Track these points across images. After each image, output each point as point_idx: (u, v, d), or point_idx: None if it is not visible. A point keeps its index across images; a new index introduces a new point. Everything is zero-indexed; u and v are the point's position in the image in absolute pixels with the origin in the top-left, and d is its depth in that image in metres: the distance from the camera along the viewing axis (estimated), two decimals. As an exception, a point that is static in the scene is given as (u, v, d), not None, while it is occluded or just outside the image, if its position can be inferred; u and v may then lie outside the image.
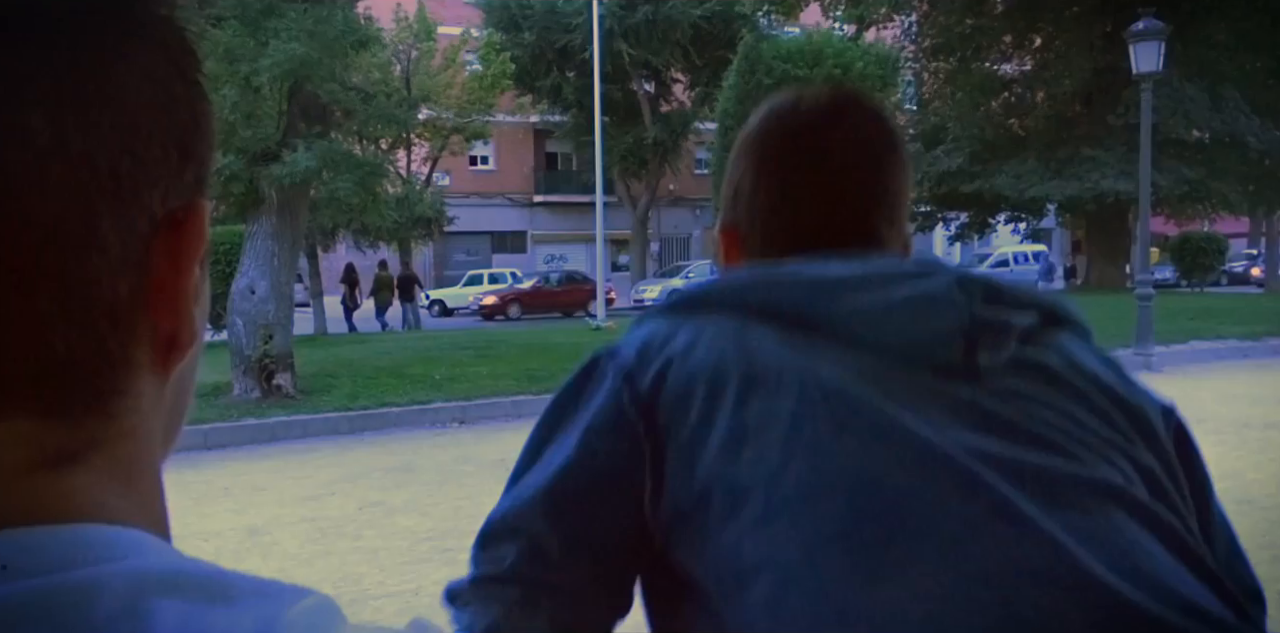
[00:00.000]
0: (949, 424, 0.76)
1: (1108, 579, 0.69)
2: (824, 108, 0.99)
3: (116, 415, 0.38)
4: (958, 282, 0.84)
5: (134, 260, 0.37)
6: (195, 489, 7.13)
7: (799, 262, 0.87)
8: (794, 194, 0.95)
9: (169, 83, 0.38)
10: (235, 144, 10.03)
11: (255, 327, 9.86)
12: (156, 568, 0.35)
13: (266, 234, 10.12)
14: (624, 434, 0.80)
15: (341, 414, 9.34)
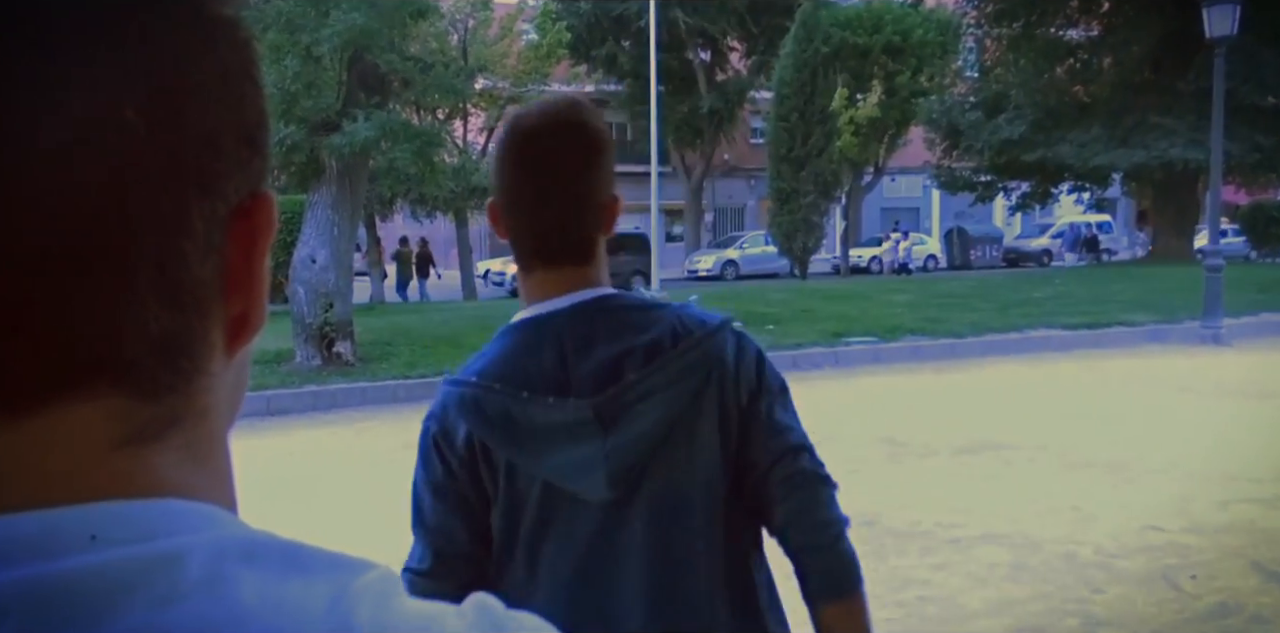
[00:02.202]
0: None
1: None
2: (534, 122, 1.29)
3: (195, 394, 0.40)
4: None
5: (215, 246, 0.39)
6: (258, 454, 7.28)
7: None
8: (516, 196, 1.30)
9: (240, 81, 0.41)
10: (296, 114, 10.13)
11: (316, 295, 10.00)
12: (236, 539, 0.37)
13: (326, 204, 10.23)
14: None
15: (400, 382, 9.46)
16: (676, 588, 1.28)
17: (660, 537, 1.27)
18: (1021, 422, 7.75)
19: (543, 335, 1.29)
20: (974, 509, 5.49)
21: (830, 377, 10.42)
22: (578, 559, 1.28)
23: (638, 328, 1.28)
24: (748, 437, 1.31)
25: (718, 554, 1.30)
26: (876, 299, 15.70)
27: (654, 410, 1.25)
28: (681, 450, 1.28)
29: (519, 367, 1.27)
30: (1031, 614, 4.06)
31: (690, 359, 1.27)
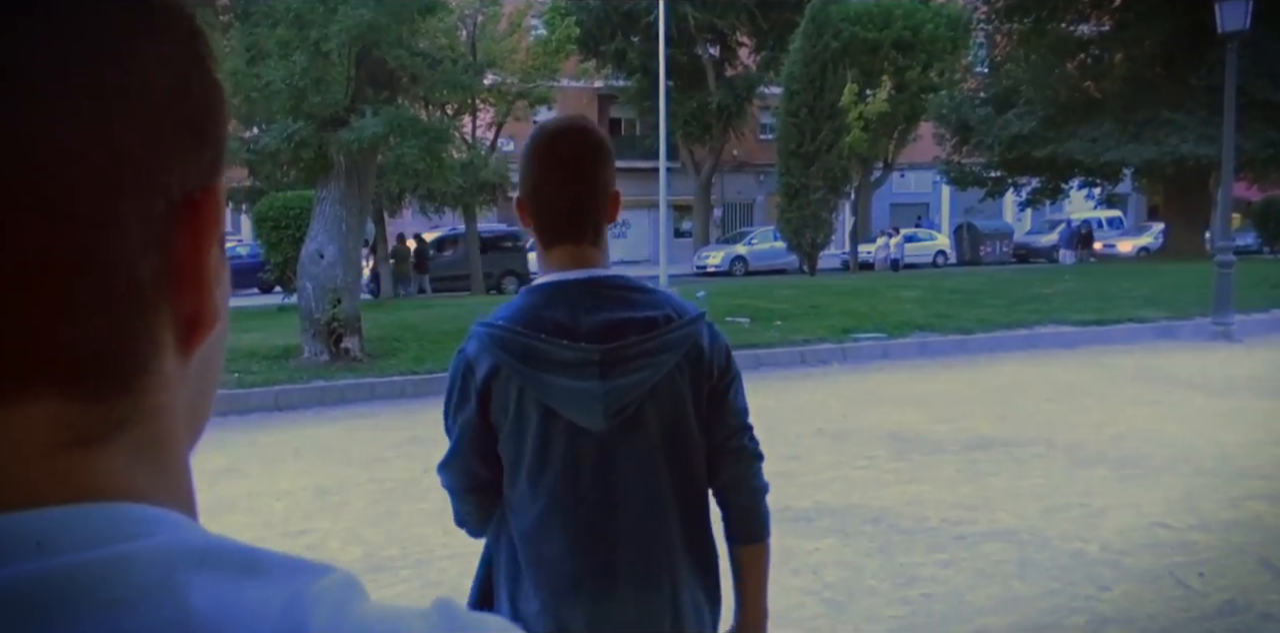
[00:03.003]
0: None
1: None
2: (559, 129, 1.67)
3: (143, 395, 0.39)
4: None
5: (155, 242, 0.38)
6: (267, 450, 7.30)
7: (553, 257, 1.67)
8: (541, 187, 1.64)
9: (183, 71, 0.39)
10: (305, 110, 10.13)
11: (324, 291, 10.01)
12: (188, 544, 0.36)
13: (335, 199, 10.24)
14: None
15: (407, 377, 9.47)
16: (656, 507, 1.66)
17: (645, 463, 1.64)
18: (1029, 418, 7.72)
19: (559, 296, 1.63)
20: (981, 506, 5.47)
21: (838, 373, 10.40)
22: (573, 481, 1.63)
23: (637, 304, 1.65)
24: (713, 409, 1.70)
25: (694, 490, 1.70)
26: (885, 295, 15.66)
27: (645, 369, 1.62)
28: (667, 404, 1.65)
29: (538, 317, 1.62)
30: (1038, 612, 4.05)
31: (678, 336, 1.65)
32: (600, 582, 1.64)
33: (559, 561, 1.63)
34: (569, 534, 1.63)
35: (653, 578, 1.66)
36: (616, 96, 34.72)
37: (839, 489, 5.86)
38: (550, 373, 1.59)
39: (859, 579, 4.43)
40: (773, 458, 6.19)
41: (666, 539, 1.67)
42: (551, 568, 1.64)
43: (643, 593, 1.66)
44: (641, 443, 1.64)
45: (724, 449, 1.71)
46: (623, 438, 1.63)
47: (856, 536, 5.03)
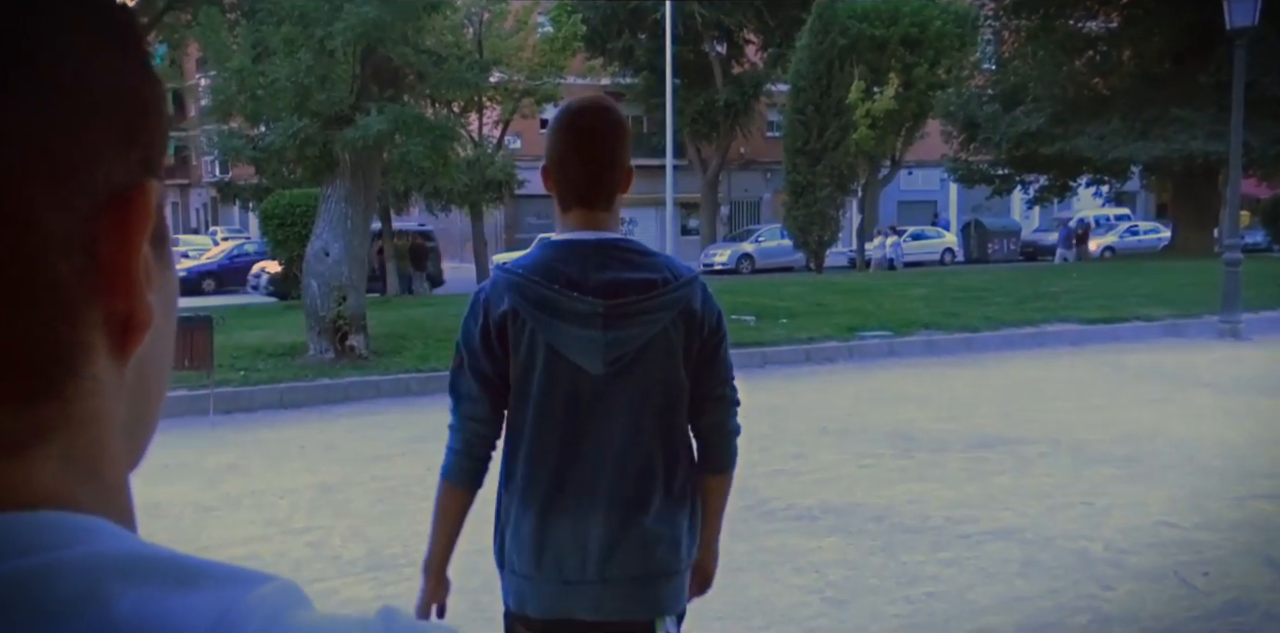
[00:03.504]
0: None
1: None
2: (589, 105, 1.89)
3: (72, 400, 0.37)
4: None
5: (78, 241, 0.37)
6: (271, 448, 7.31)
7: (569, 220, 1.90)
8: (565, 156, 1.86)
9: (111, 66, 0.38)
10: (310, 107, 10.14)
11: (329, 288, 10.02)
12: (114, 553, 0.35)
13: (340, 197, 10.25)
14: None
15: (412, 375, 9.47)
16: (640, 443, 1.89)
17: (635, 405, 1.88)
18: (1035, 417, 7.69)
19: (572, 253, 1.87)
20: (985, 505, 5.46)
21: (844, 371, 10.38)
22: (572, 414, 1.88)
23: (639, 266, 1.88)
24: (703, 362, 1.93)
25: (678, 433, 1.94)
26: (892, 293, 15.63)
27: (642, 324, 1.85)
28: (659, 356, 1.88)
29: (552, 269, 1.85)
30: (1041, 611, 4.03)
31: (673, 297, 1.88)
32: (583, 504, 1.87)
33: (547, 482, 1.87)
34: (560, 459, 1.88)
35: (633, 503, 1.88)
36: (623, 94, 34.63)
37: (843, 487, 5.84)
38: (560, 320, 1.84)
39: (861, 578, 4.42)
40: (777, 456, 6.20)
41: (649, 472, 1.90)
42: (541, 489, 1.88)
43: (623, 516, 1.88)
44: (632, 387, 1.88)
45: (709, 396, 1.96)
46: (617, 382, 1.87)
47: (859, 534, 5.02)
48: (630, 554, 1.88)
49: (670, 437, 1.92)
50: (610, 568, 1.88)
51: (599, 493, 1.88)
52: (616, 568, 1.88)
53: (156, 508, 5.75)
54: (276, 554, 4.86)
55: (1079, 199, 32.64)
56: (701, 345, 1.92)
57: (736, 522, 5.22)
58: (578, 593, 1.90)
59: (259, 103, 10.52)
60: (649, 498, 1.89)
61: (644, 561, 1.89)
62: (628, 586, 1.90)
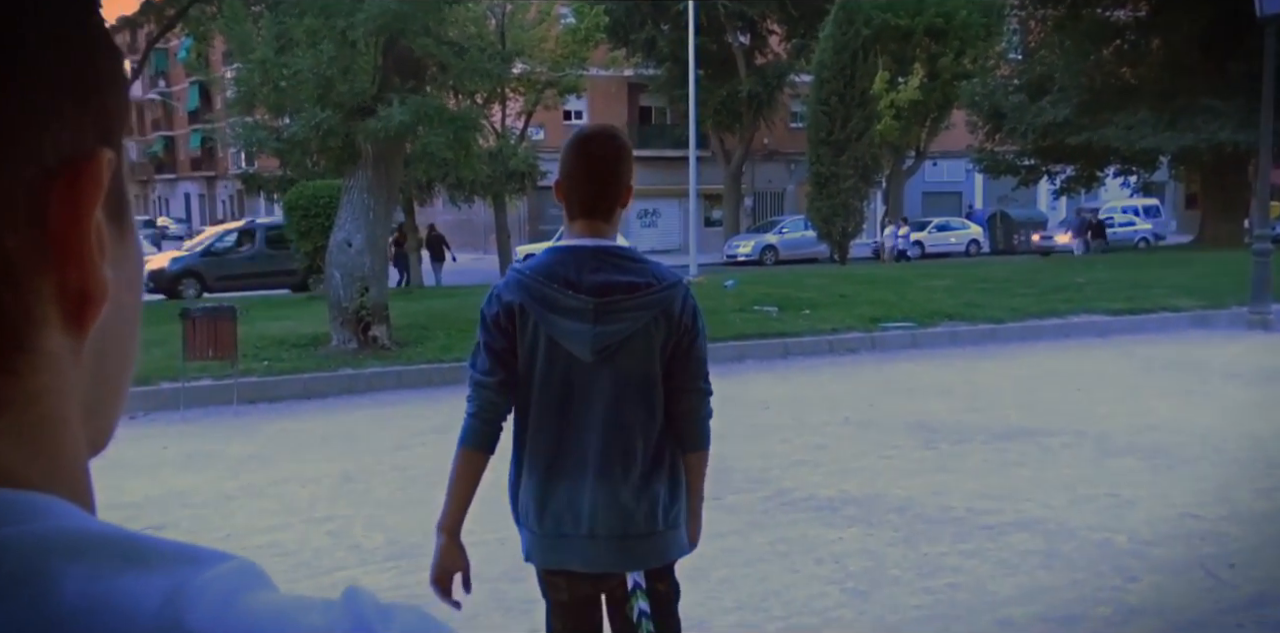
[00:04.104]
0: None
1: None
2: (597, 132, 2.25)
3: (22, 374, 0.36)
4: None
5: (24, 211, 0.36)
6: (294, 437, 7.36)
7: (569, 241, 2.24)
8: (574, 174, 2.21)
9: (64, 35, 0.37)
10: (332, 99, 10.17)
11: (352, 279, 10.06)
12: (66, 532, 0.34)
13: (362, 188, 10.28)
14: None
15: (434, 366, 9.50)
16: (622, 421, 2.21)
17: (621, 394, 2.21)
18: (1059, 408, 7.63)
19: (571, 257, 2.21)
20: (1008, 496, 5.41)
21: (866, 362, 10.33)
22: (567, 394, 2.21)
23: (628, 270, 2.21)
24: (678, 356, 2.25)
25: (655, 415, 2.24)
26: (915, 284, 15.53)
27: (625, 321, 2.18)
28: (640, 349, 2.20)
29: (554, 271, 2.19)
30: (1063, 602, 4.00)
31: (653, 299, 2.20)
32: (575, 471, 2.21)
33: (547, 451, 2.22)
34: (557, 431, 2.22)
35: (618, 472, 2.20)
36: (646, 85, 34.61)
37: (864, 478, 5.82)
38: (556, 314, 2.17)
39: (882, 569, 4.39)
40: (798, 447, 6.18)
41: (631, 446, 2.21)
42: (542, 457, 2.22)
43: (609, 482, 2.20)
44: (616, 373, 2.20)
45: (684, 388, 2.27)
46: (603, 367, 2.20)
47: (881, 525, 4.99)
48: (614, 515, 2.21)
49: (649, 416, 2.24)
50: (597, 526, 2.21)
51: (589, 462, 2.20)
52: (602, 527, 2.21)
53: (181, 496, 5.81)
54: (298, 543, 4.89)
55: (1106, 190, 32.30)
56: (677, 342, 2.23)
57: (757, 512, 5.22)
58: (571, 547, 2.24)
59: (282, 94, 10.57)
60: (631, 468, 2.22)
61: (626, 522, 2.22)
62: (612, 542, 2.23)
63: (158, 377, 8.74)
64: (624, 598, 2.32)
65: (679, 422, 2.28)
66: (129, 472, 6.35)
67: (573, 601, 2.35)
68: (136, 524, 5.26)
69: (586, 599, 2.36)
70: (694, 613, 3.96)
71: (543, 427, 2.22)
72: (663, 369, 2.23)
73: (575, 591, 2.33)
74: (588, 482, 2.20)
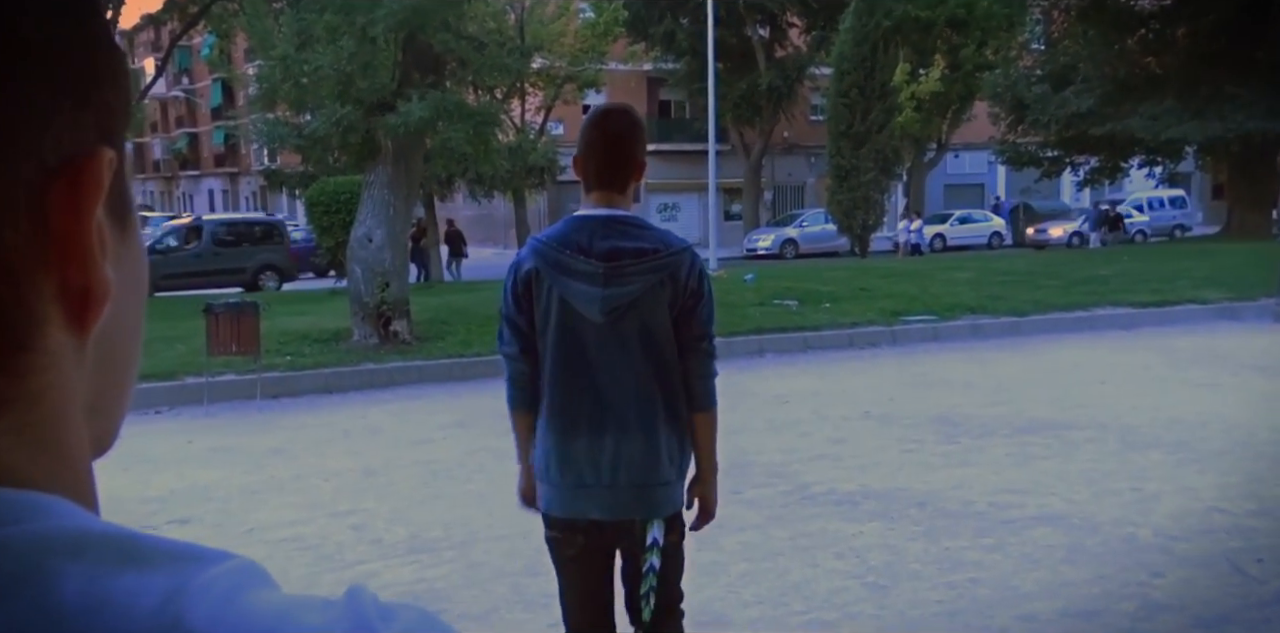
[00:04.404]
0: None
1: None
2: (613, 109, 2.51)
3: (23, 375, 0.36)
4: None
5: (24, 209, 0.35)
6: (316, 432, 7.40)
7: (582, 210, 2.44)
8: (591, 149, 2.40)
9: (64, 33, 0.37)
10: (352, 94, 10.19)
11: (373, 275, 10.10)
12: (64, 531, 0.34)
13: (383, 184, 10.31)
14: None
15: (455, 360, 9.53)
16: (633, 378, 2.40)
17: (630, 352, 2.39)
18: (1083, 401, 7.57)
19: (584, 225, 2.40)
20: (1030, 490, 5.38)
21: (887, 355, 10.28)
22: (582, 354, 2.39)
23: (637, 237, 2.39)
24: (683, 316, 2.41)
25: (664, 371, 2.42)
26: (936, 277, 15.45)
27: (633, 283, 2.35)
28: (647, 309, 2.37)
29: (568, 238, 2.38)
30: (1087, 598, 3.97)
31: (660, 263, 2.37)
32: (592, 425, 2.40)
33: (565, 407, 2.41)
34: (573, 388, 2.41)
35: (633, 425, 2.39)
36: (665, 79, 34.54)
37: (884, 473, 5.79)
38: (569, 278, 2.36)
39: (903, 563, 4.37)
40: (818, 441, 6.15)
41: (641, 400, 2.40)
42: (564, 413, 2.42)
43: (625, 435, 2.39)
44: (625, 333, 2.38)
45: (687, 348, 2.43)
46: (613, 328, 2.37)
47: (901, 519, 4.97)
48: (631, 466, 2.39)
49: (660, 374, 2.41)
50: (616, 476, 2.40)
51: (607, 417, 2.39)
52: (621, 476, 2.40)
53: (205, 490, 5.85)
54: (320, 537, 4.92)
55: (1131, 181, 32.00)
56: (683, 303, 2.40)
57: (777, 506, 5.21)
58: (590, 496, 2.42)
59: (303, 90, 10.60)
60: (645, 422, 2.40)
61: (641, 471, 2.40)
62: (629, 491, 2.41)
63: (182, 372, 8.81)
64: (637, 552, 2.46)
65: (685, 379, 2.44)
66: (154, 466, 6.41)
67: (584, 553, 2.50)
68: (161, 518, 5.31)
69: (599, 550, 2.50)
70: (714, 607, 3.96)
71: (561, 385, 2.41)
72: (675, 325, 2.41)
73: (590, 541, 2.48)
74: (607, 435, 2.39)
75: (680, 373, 2.43)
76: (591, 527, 2.45)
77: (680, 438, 2.45)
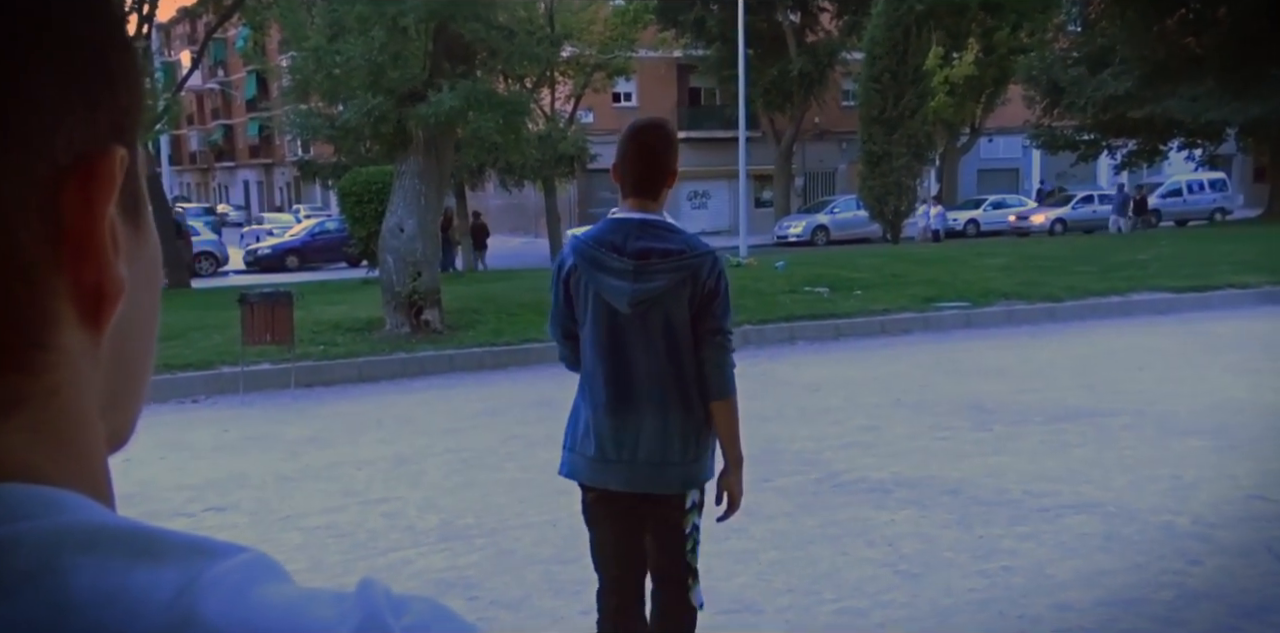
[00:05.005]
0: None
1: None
2: (647, 124, 2.76)
3: (40, 372, 0.37)
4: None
5: (38, 208, 0.36)
6: (349, 420, 7.46)
7: (616, 212, 2.76)
8: (627, 158, 2.69)
9: (76, 34, 0.37)
10: (383, 85, 10.23)
11: (404, 264, 10.15)
12: (80, 525, 0.34)
13: (414, 173, 10.35)
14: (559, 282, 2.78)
15: (486, 349, 9.57)
16: (657, 365, 2.67)
17: (654, 342, 2.67)
18: (1120, 387, 7.47)
19: (620, 227, 2.69)
20: (1066, 478, 5.32)
21: (919, 342, 10.20)
22: (613, 341, 2.69)
23: (666, 239, 2.68)
24: (702, 313, 2.67)
25: (684, 359, 2.68)
26: (969, 263, 15.30)
27: (659, 280, 2.63)
28: (670, 304, 2.65)
29: (605, 238, 2.68)
30: (1124, 587, 3.92)
31: (684, 264, 2.65)
32: (622, 404, 2.68)
33: (599, 388, 2.70)
34: (606, 372, 2.70)
35: (656, 408, 2.66)
36: (696, 66, 34.35)
37: (917, 460, 5.75)
38: (603, 273, 2.66)
39: (935, 551, 4.35)
40: (849, 429, 6.11)
41: (666, 386, 2.67)
42: (595, 393, 2.72)
43: (648, 414, 2.66)
44: (650, 324, 2.66)
45: (704, 340, 2.68)
46: (640, 319, 2.66)
47: (934, 507, 4.93)
48: (652, 445, 2.66)
49: (680, 362, 2.68)
50: (637, 453, 2.67)
51: (630, 399, 2.67)
52: (641, 453, 2.66)
53: (241, 478, 5.92)
54: (353, 524, 4.96)
55: (1170, 164, 31.48)
56: (702, 300, 2.66)
57: (808, 494, 5.19)
58: (610, 470, 2.71)
59: (335, 81, 10.65)
60: (663, 405, 2.66)
61: (660, 450, 2.66)
62: (648, 468, 2.68)
63: (218, 361, 8.91)
64: (671, 514, 2.73)
65: (701, 368, 2.68)
66: (192, 454, 6.49)
67: (610, 516, 2.80)
68: (198, 506, 5.37)
69: (625, 514, 2.78)
70: (745, 595, 3.96)
71: (594, 369, 2.72)
72: (692, 320, 2.67)
73: (616, 507, 2.77)
74: (632, 416, 2.67)
75: (697, 360, 2.67)
76: (618, 495, 2.74)
77: (696, 422, 2.69)
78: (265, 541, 4.68)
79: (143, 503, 5.31)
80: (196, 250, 23.89)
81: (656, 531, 2.77)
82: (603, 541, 2.84)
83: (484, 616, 3.79)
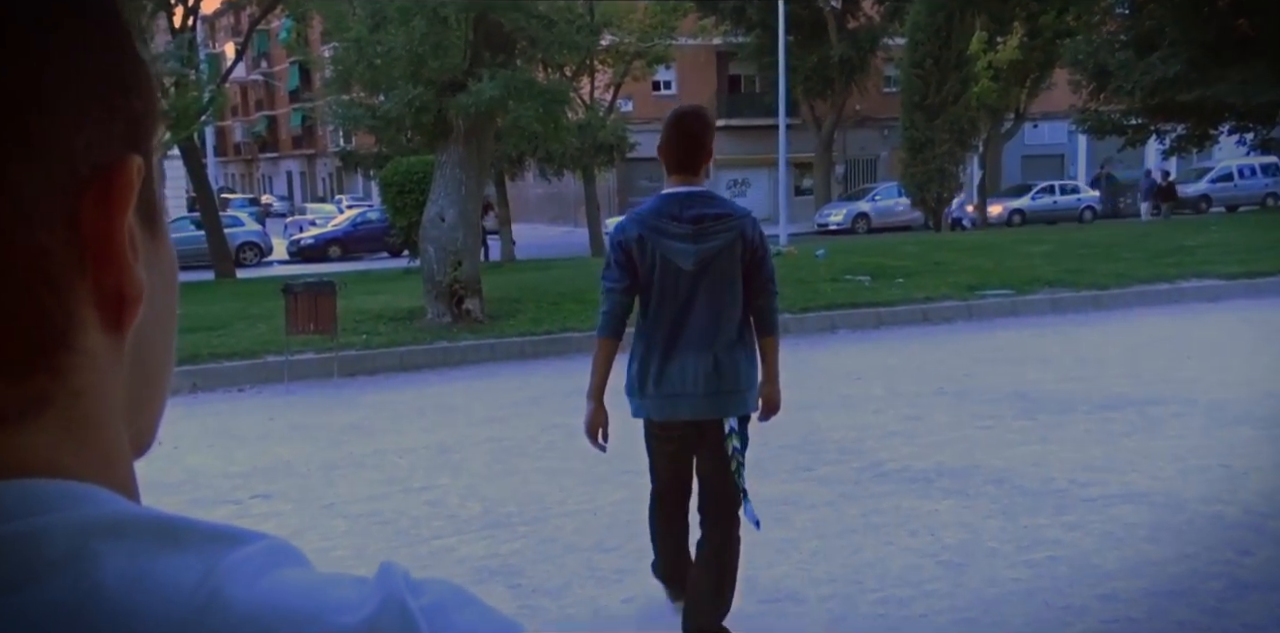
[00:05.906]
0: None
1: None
2: (687, 110, 3.37)
3: (65, 373, 0.38)
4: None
5: (60, 214, 0.37)
6: (391, 409, 7.53)
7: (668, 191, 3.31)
8: (671, 140, 3.27)
9: (88, 42, 0.39)
10: (424, 75, 10.28)
11: (445, 253, 10.20)
12: (105, 516, 0.36)
13: (454, 163, 10.39)
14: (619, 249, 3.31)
15: (526, 339, 9.60)
16: (716, 312, 3.19)
17: (713, 292, 3.19)
18: (1168, 376, 7.35)
19: (673, 199, 3.21)
20: (1113, 467, 5.25)
21: (962, 331, 10.10)
22: (677, 294, 3.19)
23: (713, 205, 3.23)
24: (753, 265, 3.24)
25: (736, 306, 3.24)
26: (1013, 251, 15.11)
27: (715, 240, 3.16)
28: (726, 260, 3.19)
29: (663, 209, 3.20)
30: (1172, 577, 3.87)
31: (733, 224, 3.20)
32: (684, 347, 3.18)
33: (663, 335, 3.20)
34: (670, 321, 3.19)
35: (713, 347, 3.18)
36: (735, 53, 34.16)
37: (960, 450, 5.70)
38: (667, 238, 3.16)
39: (979, 541, 4.31)
40: (891, 418, 6.07)
41: (722, 329, 3.20)
42: (654, 336, 3.21)
43: (708, 355, 3.17)
44: (711, 279, 3.18)
45: (756, 290, 3.26)
46: (701, 275, 3.17)
47: (977, 497, 4.89)
48: (712, 377, 3.17)
49: (734, 309, 3.22)
50: (700, 386, 3.18)
51: (694, 341, 3.18)
52: (704, 386, 3.18)
53: (286, 466, 6.00)
54: (396, 512, 5.01)
55: (1221, 148, 30.83)
56: (752, 254, 3.23)
57: (849, 483, 5.16)
58: (680, 402, 3.21)
59: (376, 72, 10.72)
60: (722, 344, 3.19)
61: (719, 381, 3.18)
62: (711, 397, 3.19)
63: (263, 351, 9.02)
64: (718, 440, 3.23)
65: (757, 314, 3.28)
66: (237, 442, 6.59)
67: (675, 445, 3.35)
68: (244, 493, 5.45)
69: (686, 441, 3.33)
70: (786, 584, 3.95)
71: (660, 318, 3.20)
72: (742, 275, 3.21)
73: (683, 436, 3.31)
74: (693, 355, 3.17)
75: (754, 307, 3.26)
76: (685, 426, 3.28)
77: (750, 357, 3.25)
78: (310, 528, 4.74)
79: (191, 490, 5.40)
80: (241, 241, 24.23)
81: (703, 454, 3.31)
82: (660, 462, 3.44)
83: (526, 603, 3.82)
